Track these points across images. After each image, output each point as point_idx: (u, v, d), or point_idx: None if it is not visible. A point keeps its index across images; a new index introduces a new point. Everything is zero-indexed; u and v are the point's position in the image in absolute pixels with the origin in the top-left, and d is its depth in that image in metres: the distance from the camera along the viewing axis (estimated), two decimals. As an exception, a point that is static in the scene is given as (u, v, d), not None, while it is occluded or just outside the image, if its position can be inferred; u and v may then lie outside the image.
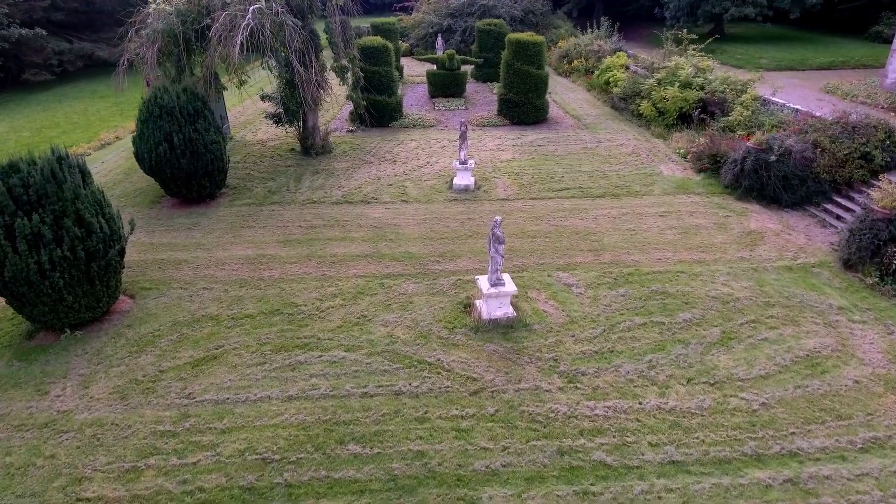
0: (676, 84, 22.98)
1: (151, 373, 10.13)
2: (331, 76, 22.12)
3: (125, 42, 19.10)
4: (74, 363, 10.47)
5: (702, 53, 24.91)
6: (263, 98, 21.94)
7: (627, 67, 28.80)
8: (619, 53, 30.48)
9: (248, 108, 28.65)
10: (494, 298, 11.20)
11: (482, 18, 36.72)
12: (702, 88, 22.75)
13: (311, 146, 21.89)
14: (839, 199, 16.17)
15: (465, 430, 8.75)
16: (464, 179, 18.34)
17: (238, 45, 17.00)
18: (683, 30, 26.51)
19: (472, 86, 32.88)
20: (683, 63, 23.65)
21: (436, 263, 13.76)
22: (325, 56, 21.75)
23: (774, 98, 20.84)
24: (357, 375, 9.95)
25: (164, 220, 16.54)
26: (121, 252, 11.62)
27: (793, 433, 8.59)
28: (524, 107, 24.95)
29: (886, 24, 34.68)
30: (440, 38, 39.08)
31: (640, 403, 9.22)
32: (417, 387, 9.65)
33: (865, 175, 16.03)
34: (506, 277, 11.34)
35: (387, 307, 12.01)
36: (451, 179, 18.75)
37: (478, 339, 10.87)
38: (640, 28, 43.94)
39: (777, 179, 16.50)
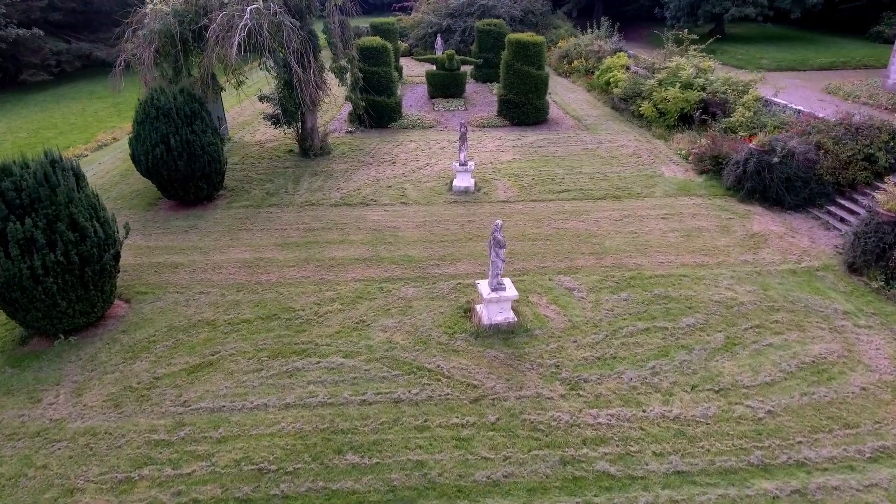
0: (677, 85, 22.81)
1: (146, 380, 9.95)
2: (329, 77, 21.97)
3: (122, 43, 18.93)
4: (68, 370, 10.29)
5: (703, 54, 24.75)
6: (262, 99, 21.79)
7: (628, 68, 28.63)
8: (620, 54, 30.32)
9: (247, 109, 28.45)
10: (495, 303, 11.03)
11: (482, 18, 36.58)
12: (703, 89, 22.59)
13: (310, 147, 21.71)
14: (843, 202, 16.02)
15: (466, 439, 8.57)
16: (464, 181, 18.16)
17: (235, 46, 16.81)
18: (684, 30, 26.36)
19: (472, 86, 32.71)
20: (684, 63, 23.48)
21: (435, 267, 13.58)
22: (324, 56, 21.57)
23: (776, 99, 20.67)
24: (355, 382, 9.77)
25: (161, 223, 16.35)
26: (116, 256, 11.43)
27: (800, 442, 8.42)
28: (524, 107, 24.79)
29: (887, 25, 34.55)
30: (439, 39, 38.91)
31: (644, 411, 9.05)
32: (417, 394, 9.47)
33: (869, 177, 15.90)
34: (507, 282, 11.16)
35: (386, 312, 11.83)
36: (451, 181, 18.57)
37: (478, 345, 10.69)
38: (640, 28, 43.80)
39: (780, 181, 16.34)
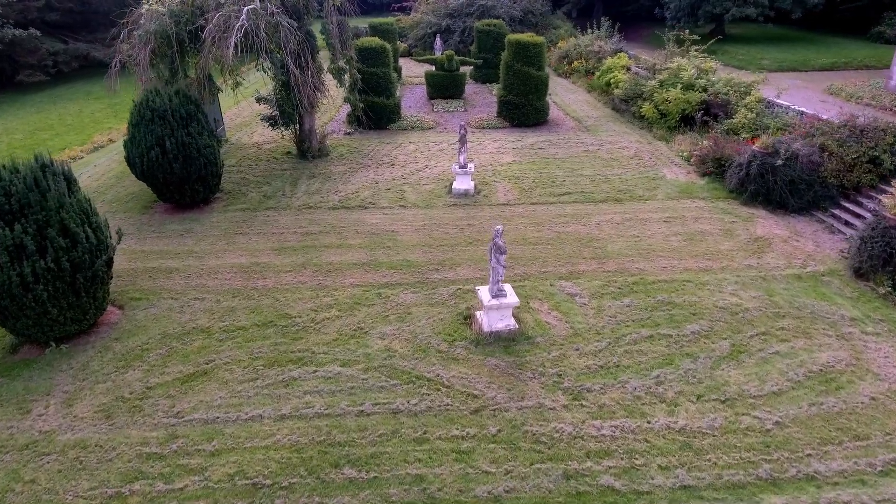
0: (679, 86, 22.59)
1: (138, 389, 9.72)
2: (328, 78, 21.74)
3: (117, 43, 18.71)
4: (59, 379, 10.05)
5: (704, 54, 24.54)
6: (259, 100, 21.56)
7: (628, 69, 28.42)
8: (620, 54, 30.10)
9: (245, 110, 28.20)
10: (496, 310, 10.80)
11: (481, 19, 36.37)
12: (704, 90, 22.38)
13: (308, 149, 21.48)
14: (847, 205, 15.81)
15: (466, 452, 8.34)
16: (463, 184, 17.94)
17: (232, 47, 16.58)
18: (685, 30, 26.15)
19: (471, 87, 32.49)
20: (686, 64, 23.28)
21: (435, 272, 13.35)
22: (323, 57, 21.33)
23: (779, 100, 20.46)
24: (353, 392, 9.54)
25: (156, 227, 16.11)
26: (108, 262, 11.20)
27: (809, 455, 8.20)
28: (524, 108, 24.56)
29: (889, 25, 34.37)
30: (439, 39, 38.68)
31: (649, 422, 8.83)
32: (416, 405, 9.24)
33: (874, 180, 15.69)
34: (507, 288, 10.94)
35: (384, 318, 11.60)
36: (451, 184, 18.34)
37: (478, 353, 10.47)
38: (641, 28, 43.59)
39: (783, 184, 16.12)
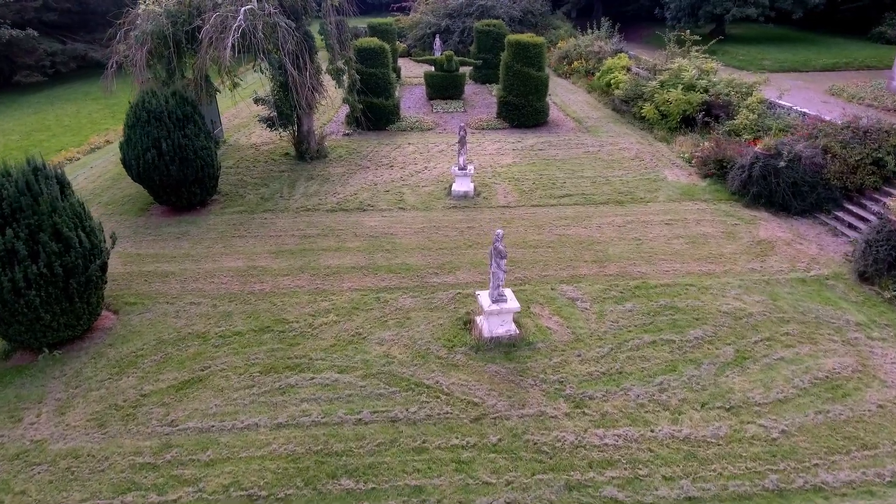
0: (680, 86, 22.43)
1: (132, 397, 9.54)
2: (326, 78, 21.57)
3: (114, 44, 18.54)
4: (51, 386, 9.87)
5: (705, 55, 24.39)
6: (257, 101, 21.36)
7: (629, 69, 28.26)
8: (621, 55, 29.93)
9: (243, 111, 28.01)
10: (496, 315, 10.63)
11: (481, 19, 36.21)
12: (706, 91, 22.22)
13: (306, 151, 21.30)
14: (850, 207, 15.65)
15: (466, 462, 8.17)
16: (463, 186, 17.77)
17: (229, 48, 16.41)
18: (686, 31, 25.99)
19: (471, 87, 32.32)
20: (687, 65, 23.12)
21: (434, 276, 13.18)
22: (321, 58, 21.16)
23: (781, 101, 20.28)
24: (351, 400, 9.37)
25: (153, 230, 15.93)
26: (102, 267, 11.02)
27: (816, 465, 8.03)
28: (524, 109, 24.39)
29: (890, 25, 34.24)
30: (438, 39, 38.51)
31: (652, 431, 8.66)
32: (415, 413, 9.07)
33: (878, 182, 15.54)
34: (508, 293, 10.77)
35: (383, 324, 11.43)
36: (450, 185, 18.17)
37: (479, 360, 10.30)
38: (641, 28, 43.42)
39: (786, 186, 15.96)
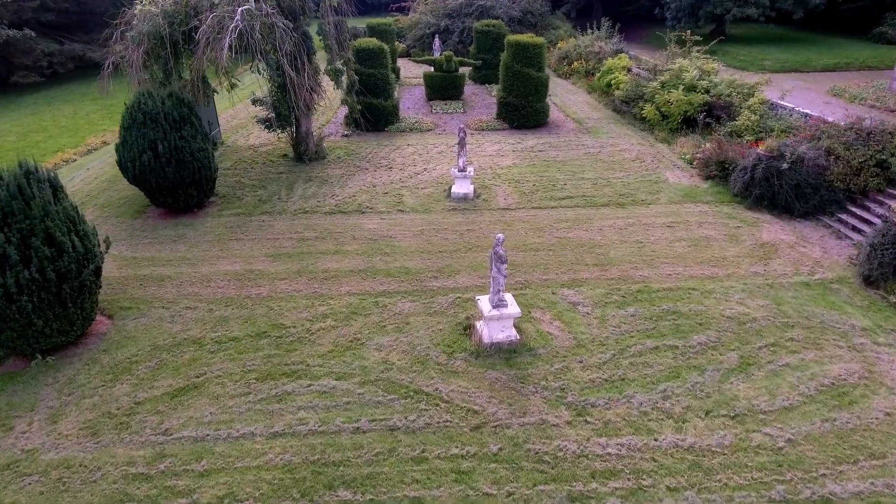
0: (681, 87, 22.27)
1: (126, 405, 9.37)
2: (325, 79, 21.40)
3: (110, 44, 18.37)
4: (44, 394, 9.69)
5: (706, 55, 24.23)
6: (255, 102, 21.22)
7: (629, 69, 28.09)
8: (621, 55, 29.77)
9: (241, 112, 27.84)
10: (496, 321, 10.47)
11: (480, 19, 36.04)
12: (707, 92, 22.06)
13: (305, 152, 21.12)
14: (854, 209, 15.49)
15: (466, 473, 8.00)
16: (462, 188, 17.60)
17: (226, 48, 16.23)
18: (687, 31, 25.84)
19: (470, 88, 32.15)
20: (688, 65, 22.96)
21: (433, 280, 13.01)
22: (320, 58, 20.99)
23: (783, 102, 20.13)
24: (349, 408, 9.19)
25: (149, 232, 15.76)
26: (96, 272, 10.84)
27: (823, 475, 7.86)
28: (524, 110, 24.22)
29: (891, 25, 34.09)
30: (437, 40, 38.33)
31: (656, 440, 8.49)
32: (414, 421, 8.89)
33: (881, 184, 15.39)
34: (508, 298, 10.61)
35: (381, 329, 11.26)
36: (450, 187, 18.00)
37: (479, 366, 10.13)
38: (640, 29, 43.28)
39: (789, 188, 15.80)
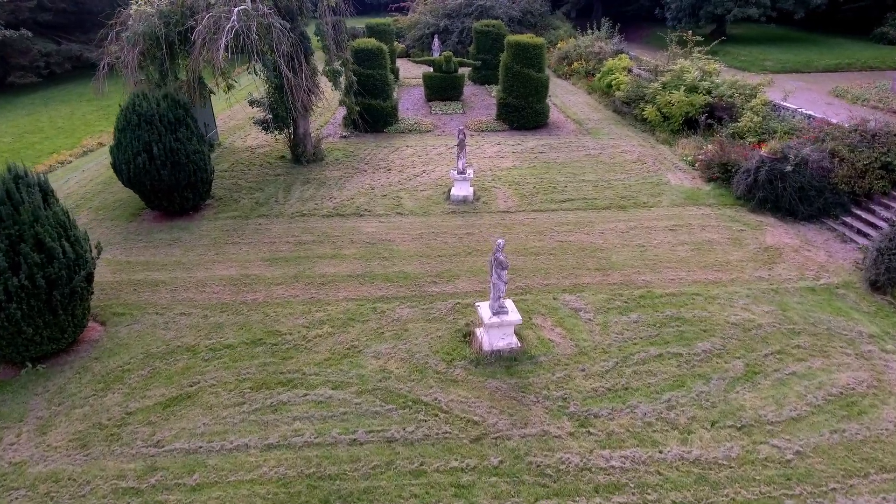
0: (682, 88, 22.06)
1: (117, 415, 9.14)
2: (323, 80, 21.17)
3: (105, 45, 18.13)
4: (33, 403, 9.46)
5: (707, 56, 24.02)
6: (252, 103, 20.97)
7: (630, 70, 27.88)
8: (621, 55, 29.55)
9: (238, 113, 27.60)
10: (497, 328, 10.24)
11: (480, 19, 35.83)
12: (709, 93, 21.84)
13: (302, 153, 20.89)
14: (859, 212, 15.28)
15: (466, 487, 7.77)
16: (462, 190, 17.38)
17: (222, 49, 16.00)
18: (689, 31, 25.64)
19: (470, 88, 31.93)
20: (689, 66, 22.75)
21: (432, 285, 12.79)
22: (318, 58, 20.76)
23: (785, 103, 19.92)
24: (345, 418, 8.96)
25: (144, 236, 15.52)
26: (88, 278, 10.61)
27: (833, 489, 7.64)
28: (524, 111, 24.00)
29: (892, 26, 33.92)
30: (437, 40, 38.11)
31: (661, 452, 8.27)
32: (412, 432, 8.67)
33: (886, 186, 15.18)
34: (509, 304, 10.38)
35: (379, 336, 11.03)
36: (449, 190, 17.78)
37: (479, 374, 9.90)
38: (640, 29, 43.09)
39: (793, 191, 15.59)
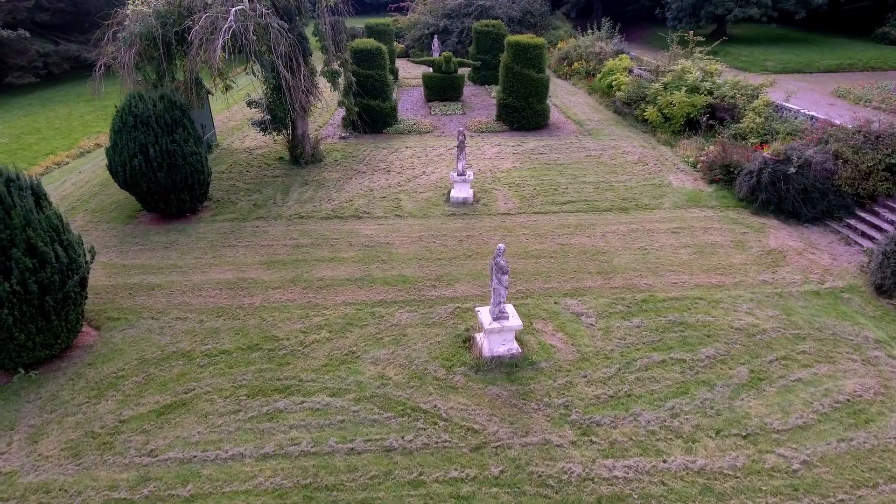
0: (683, 88, 21.89)
1: (110, 423, 8.96)
2: (322, 81, 20.99)
3: (102, 45, 17.96)
4: (25, 411, 9.29)
5: (708, 56, 23.86)
6: (250, 104, 20.81)
7: (630, 70, 27.72)
8: (622, 56, 29.39)
9: (236, 114, 27.43)
10: (497, 334, 10.07)
11: (479, 19, 35.69)
12: (710, 93, 21.68)
13: (301, 155, 20.72)
14: (863, 214, 15.12)
15: (466, 497, 7.60)
16: (462, 192, 17.21)
17: (219, 49, 15.82)
18: (690, 31, 25.49)
19: (470, 89, 31.76)
20: (690, 66, 22.59)
21: (432, 289, 12.61)
22: (317, 59, 20.59)
23: (788, 104, 19.75)
24: (343, 427, 8.79)
25: (140, 238, 15.35)
26: (81, 282, 10.44)
27: (841, 500, 7.47)
28: (524, 112, 23.83)
29: (893, 26, 33.80)
30: (436, 40, 37.94)
31: (665, 461, 8.10)
32: (411, 441, 8.50)
33: (891, 188, 15.02)
34: (510, 309, 10.22)
35: (377, 341, 10.86)
36: (449, 191, 17.61)
37: (479, 381, 9.73)
38: (641, 29, 42.96)
39: (796, 192, 15.43)
